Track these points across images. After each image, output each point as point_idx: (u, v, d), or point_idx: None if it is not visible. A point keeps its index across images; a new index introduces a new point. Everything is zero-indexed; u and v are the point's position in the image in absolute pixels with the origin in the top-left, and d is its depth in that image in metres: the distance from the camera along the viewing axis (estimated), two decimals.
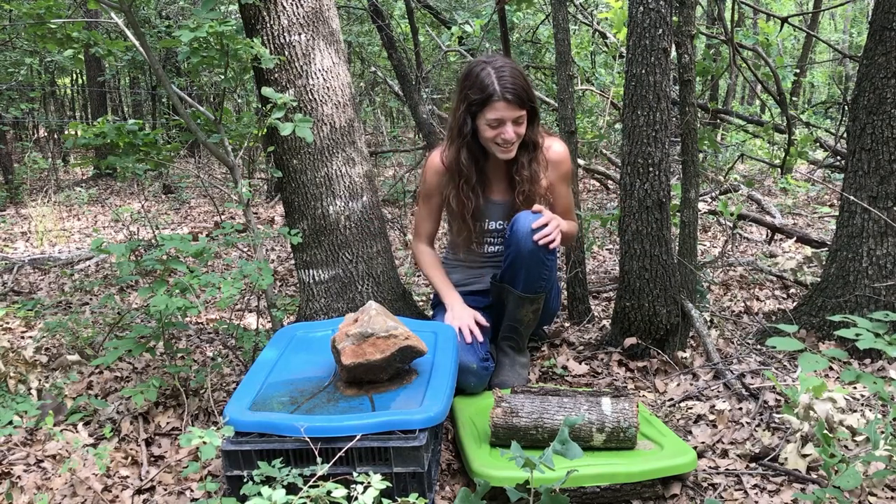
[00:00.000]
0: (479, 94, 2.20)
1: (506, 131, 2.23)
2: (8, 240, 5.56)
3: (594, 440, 1.84)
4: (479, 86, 2.20)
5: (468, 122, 2.26)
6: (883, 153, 2.44)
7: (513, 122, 2.23)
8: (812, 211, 5.46)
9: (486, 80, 2.20)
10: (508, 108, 2.20)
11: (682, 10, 2.71)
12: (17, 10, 2.61)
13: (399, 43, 5.65)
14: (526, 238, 2.21)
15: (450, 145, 2.35)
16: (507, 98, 2.18)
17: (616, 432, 1.83)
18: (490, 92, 2.18)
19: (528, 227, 2.21)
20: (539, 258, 2.24)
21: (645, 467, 1.75)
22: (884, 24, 2.40)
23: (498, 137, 2.24)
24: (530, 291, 2.31)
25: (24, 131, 11.64)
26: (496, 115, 2.20)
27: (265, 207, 6.61)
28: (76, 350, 2.77)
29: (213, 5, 2.23)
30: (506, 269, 2.30)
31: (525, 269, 2.26)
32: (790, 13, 8.55)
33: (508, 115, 2.21)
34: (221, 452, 1.70)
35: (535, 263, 2.24)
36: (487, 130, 2.24)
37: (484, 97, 2.20)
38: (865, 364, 2.46)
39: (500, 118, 2.21)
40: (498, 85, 2.18)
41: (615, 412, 1.83)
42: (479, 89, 2.20)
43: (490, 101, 2.19)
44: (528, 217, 2.24)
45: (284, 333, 2.27)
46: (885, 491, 1.74)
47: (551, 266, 2.30)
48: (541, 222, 2.20)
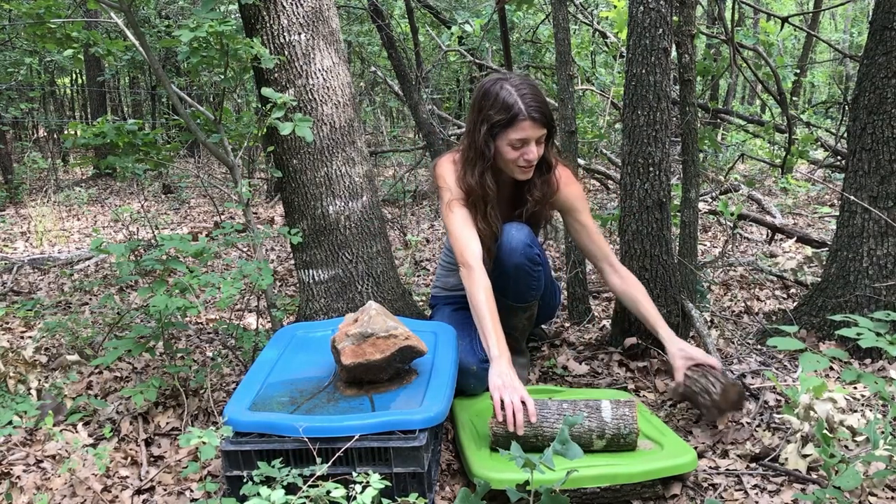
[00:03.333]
0: (503, 113, 2.07)
1: (529, 151, 2.11)
2: (7, 240, 5.56)
3: (594, 446, 1.84)
4: (503, 105, 2.07)
5: (490, 143, 2.12)
6: (883, 153, 2.43)
7: (536, 141, 2.12)
8: (812, 211, 5.46)
9: (508, 99, 2.07)
10: (534, 128, 2.08)
11: (682, 9, 2.71)
12: (17, 9, 2.61)
13: (399, 43, 5.65)
14: (511, 254, 2.19)
15: (470, 168, 2.18)
16: (533, 117, 2.07)
17: (616, 438, 1.83)
18: (516, 111, 2.06)
19: (511, 241, 2.19)
20: (525, 271, 2.22)
21: (645, 467, 1.75)
22: (884, 23, 2.40)
23: (521, 159, 2.12)
24: (521, 301, 2.31)
25: (24, 131, 11.65)
26: (522, 134, 2.08)
27: (265, 207, 6.61)
28: (76, 350, 2.77)
29: (213, 5, 2.23)
30: (495, 280, 2.22)
31: (513, 282, 2.24)
32: (790, 13, 8.55)
33: (533, 135, 2.09)
34: (221, 452, 1.70)
35: (522, 276, 2.23)
36: (510, 151, 2.12)
37: (509, 117, 2.07)
38: (866, 364, 2.46)
39: (526, 138, 2.09)
40: (522, 104, 2.06)
41: (615, 418, 1.83)
42: (504, 109, 2.07)
43: (516, 121, 2.07)
44: (513, 231, 2.20)
45: (284, 333, 2.27)
46: (886, 491, 1.74)
47: (539, 276, 2.27)
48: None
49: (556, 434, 1.79)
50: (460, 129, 5.94)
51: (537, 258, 2.24)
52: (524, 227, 2.22)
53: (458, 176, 2.22)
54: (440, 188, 2.24)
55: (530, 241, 2.22)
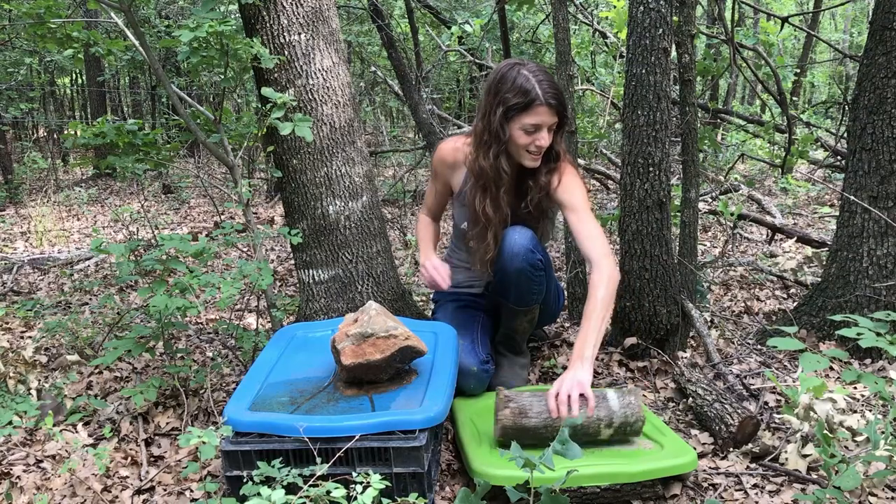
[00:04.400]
0: (521, 97, 2.08)
1: (541, 137, 2.12)
2: (7, 240, 5.56)
3: (601, 435, 1.85)
4: (520, 90, 2.08)
5: (505, 126, 2.13)
6: (883, 153, 2.43)
7: (547, 128, 2.13)
8: (812, 211, 5.46)
9: (525, 84, 2.08)
10: (549, 114, 2.10)
11: (682, 9, 2.71)
12: (17, 9, 2.61)
13: (399, 43, 5.65)
14: (512, 259, 2.19)
15: (484, 151, 2.19)
16: (549, 103, 2.08)
17: (623, 427, 1.85)
18: (533, 96, 2.07)
19: (513, 246, 2.19)
20: (527, 276, 2.22)
21: (646, 467, 1.75)
22: (884, 23, 2.40)
23: (532, 145, 2.14)
24: (522, 305, 2.31)
25: (24, 131, 11.65)
26: (536, 119, 2.09)
27: (265, 207, 6.61)
28: (76, 350, 2.77)
29: (213, 5, 2.23)
30: (497, 283, 2.27)
31: (515, 286, 2.25)
32: (790, 13, 8.55)
33: (547, 121, 2.11)
34: (221, 453, 1.70)
35: (523, 281, 2.23)
36: (522, 136, 2.13)
37: (526, 101, 2.08)
38: (866, 364, 2.46)
39: (539, 123, 2.10)
40: (539, 89, 2.07)
41: (622, 407, 1.85)
42: (521, 93, 2.08)
43: (532, 106, 2.08)
44: (515, 236, 2.20)
45: (284, 333, 2.27)
46: (886, 491, 1.74)
47: (541, 281, 2.27)
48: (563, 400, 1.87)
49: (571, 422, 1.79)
50: (460, 130, 5.94)
51: (539, 263, 2.23)
52: (527, 232, 2.21)
53: (470, 159, 2.24)
54: (433, 167, 2.46)
55: (533, 246, 2.20)
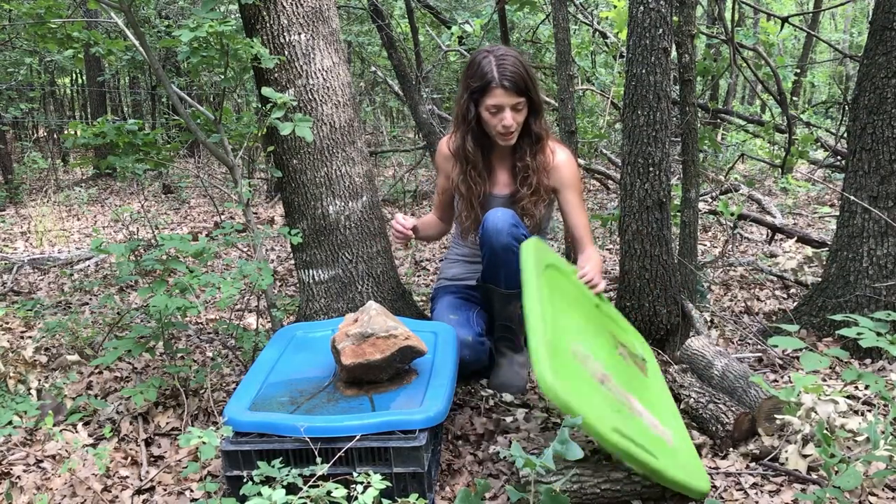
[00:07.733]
0: (479, 81, 2.27)
1: (505, 118, 2.28)
2: (8, 240, 5.56)
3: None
4: (479, 73, 2.27)
5: (472, 109, 2.32)
6: (883, 153, 2.43)
7: (512, 108, 2.28)
8: (812, 211, 5.46)
9: (485, 67, 2.26)
10: (506, 95, 2.25)
11: (682, 9, 2.71)
12: (17, 9, 2.61)
13: (399, 43, 5.65)
14: (496, 235, 2.23)
15: (456, 132, 2.41)
16: (504, 85, 2.24)
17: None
18: (489, 79, 2.24)
19: (496, 222, 2.23)
20: (514, 252, 2.23)
21: (662, 467, 1.64)
22: (884, 23, 2.40)
23: (499, 125, 2.30)
24: (513, 287, 2.29)
25: (24, 131, 11.64)
26: (494, 101, 2.26)
27: (265, 207, 6.60)
28: (76, 350, 2.77)
29: (213, 5, 2.23)
30: (485, 268, 2.32)
31: (503, 266, 2.26)
32: (790, 13, 8.55)
33: (507, 102, 2.26)
34: (221, 453, 1.70)
35: (511, 257, 2.23)
36: (489, 118, 2.30)
37: (483, 84, 2.26)
38: (866, 364, 2.46)
39: (499, 104, 2.26)
40: (497, 72, 2.24)
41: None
42: (479, 77, 2.27)
43: (489, 88, 2.25)
44: (497, 213, 2.26)
45: (284, 333, 2.27)
46: (886, 491, 1.74)
47: None
48: (581, 274, 2.30)
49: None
50: None
51: (524, 237, 2.25)
52: (508, 210, 2.29)
53: (448, 138, 2.49)
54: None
55: (515, 221, 2.26)
